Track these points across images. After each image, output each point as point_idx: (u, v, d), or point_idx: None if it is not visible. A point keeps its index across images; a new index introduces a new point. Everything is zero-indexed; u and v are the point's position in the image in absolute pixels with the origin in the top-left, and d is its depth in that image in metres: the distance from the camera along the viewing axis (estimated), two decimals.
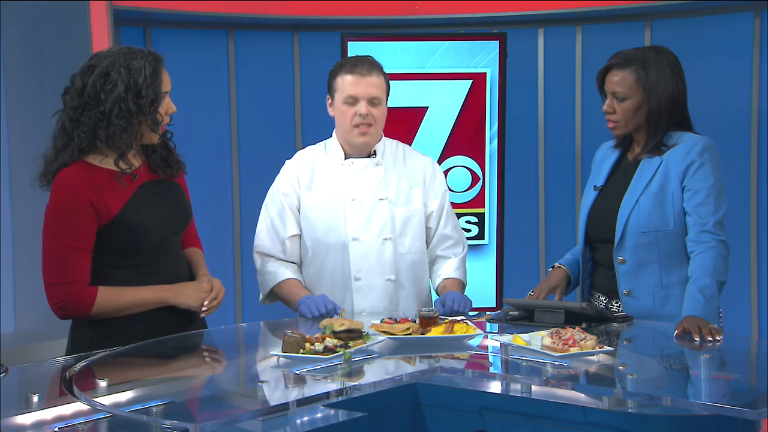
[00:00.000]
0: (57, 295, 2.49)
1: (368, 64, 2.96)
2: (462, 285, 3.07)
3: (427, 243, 3.09)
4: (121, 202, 2.53)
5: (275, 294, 3.02)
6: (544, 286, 2.92)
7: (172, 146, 2.71)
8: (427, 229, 3.08)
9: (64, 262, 2.48)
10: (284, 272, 3.00)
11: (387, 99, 3.02)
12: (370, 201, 3.00)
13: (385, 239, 2.99)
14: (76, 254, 2.49)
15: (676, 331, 2.46)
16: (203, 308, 2.61)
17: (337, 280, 2.99)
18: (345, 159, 3.04)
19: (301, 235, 3.04)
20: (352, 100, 2.94)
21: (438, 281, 3.07)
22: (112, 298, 2.51)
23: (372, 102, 2.94)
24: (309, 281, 3.03)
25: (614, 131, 2.83)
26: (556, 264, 2.99)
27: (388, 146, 3.09)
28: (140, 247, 2.56)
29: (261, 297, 3.05)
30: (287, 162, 3.11)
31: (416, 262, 3.04)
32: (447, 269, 3.06)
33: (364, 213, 2.99)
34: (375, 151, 3.04)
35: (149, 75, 2.51)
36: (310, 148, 3.13)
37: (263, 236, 3.04)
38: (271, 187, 3.09)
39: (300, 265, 3.07)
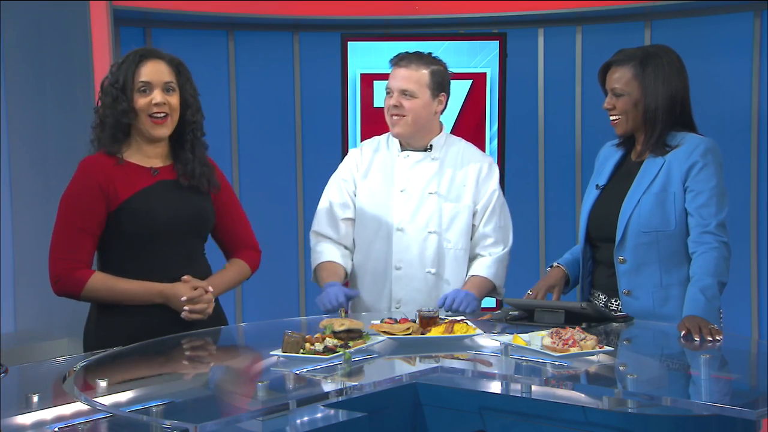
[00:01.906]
0: (55, 269, 2.59)
1: (410, 57, 3.04)
2: (488, 283, 3.04)
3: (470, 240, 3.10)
4: (133, 191, 2.60)
5: (316, 275, 3.07)
6: (541, 285, 2.92)
7: (199, 161, 2.72)
8: (472, 226, 3.09)
9: (67, 240, 2.59)
10: (327, 254, 3.04)
11: (439, 93, 3.04)
12: (419, 194, 3.04)
13: (430, 232, 3.02)
14: (79, 234, 2.58)
15: (682, 332, 2.44)
16: (186, 309, 2.59)
17: (380, 268, 3.04)
18: (401, 151, 3.07)
19: (354, 220, 3.09)
20: (389, 91, 3.04)
21: (467, 278, 3.07)
22: (103, 284, 2.57)
23: (403, 93, 2.99)
24: (356, 266, 3.09)
25: (616, 128, 2.84)
26: (554, 263, 2.99)
27: (449, 142, 3.12)
28: (146, 238, 2.59)
29: (311, 277, 3.11)
30: (351, 150, 3.21)
31: (461, 258, 3.06)
32: (477, 267, 3.06)
33: (411, 205, 3.04)
34: (431, 145, 3.07)
35: (121, 63, 2.65)
36: (375, 138, 3.21)
37: (321, 216, 3.10)
38: (333, 174, 3.16)
39: (352, 251, 3.11)
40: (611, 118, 2.83)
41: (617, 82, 2.79)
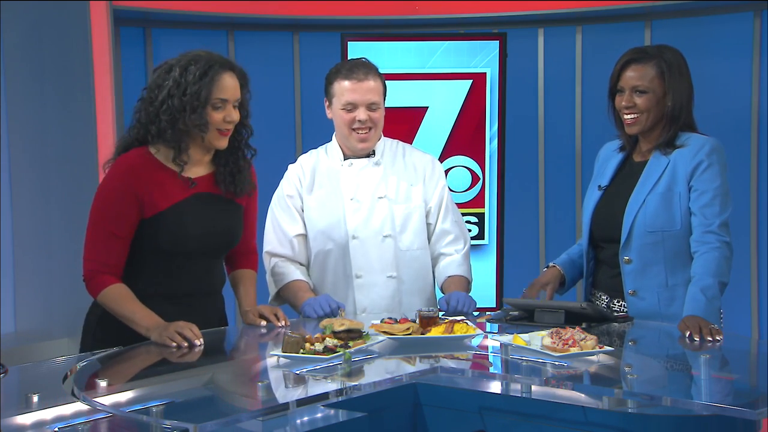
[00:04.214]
0: (84, 270, 2.60)
1: (364, 69, 2.98)
2: (467, 282, 3.07)
3: (429, 239, 3.09)
4: (170, 202, 2.59)
5: (282, 296, 3.03)
6: (536, 283, 2.92)
7: (244, 165, 2.71)
8: (428, 225, 3.09)
9: (99, 243, 2.58)
10: (291, 274, 3.01)
11: (384, 100, 3.03)
12: (369, 199, 3.02)
13: (385, 236, 3.00)
14: (110, 239, 2.57)
15: (687, 332, 2.43)
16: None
17: (339, 278, 3.01)
18: (344, 160, 3.05)
19: (306, 236, 3.06)
20: (351, 107, 2.96)
21: (442, 279, 3.07)
22: (115, 298, 2.55)
23: (370, 107, 2.96)
24: (314, 281, 3.05)
25: (633, 127, 2.80)
26: (550, 263, 2.99)
27: (388, 146, 3.11)
28: (174, 251, 2.59)
29: (270, 298, 3.07)
30: (290, 166, 3.15)
31: (418, 258, 3.05)
32: (450, 267, 3.06)
33: (363, 211, 3.01)
34: (374, 150, 3.06)
35: (198, 75, 2.54)
36: (311, 151, 3.16)
37: (271, 237, 3.06)
38: (275, 192, 3.12)
39: (308, 267, 3.08)
40: (628, 116, 2.79)
41: (640, 79, 2.77)
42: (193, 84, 2.53)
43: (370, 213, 3.01)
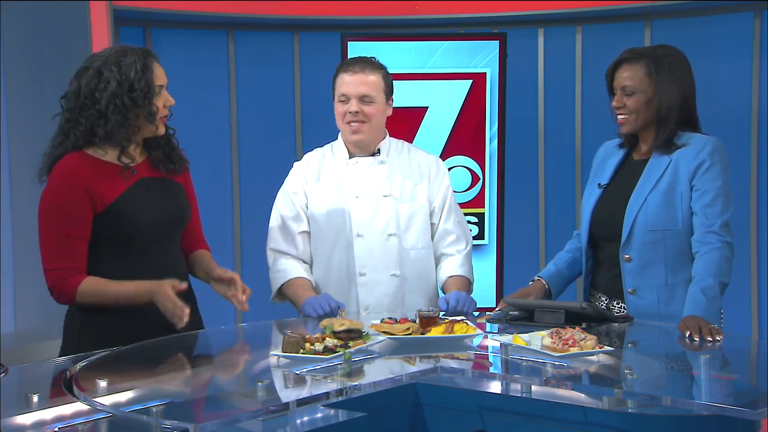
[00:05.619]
0: (50, 280, 2.56)
1: (362, 63, 3.01)
2: (467, 282, 3.08)
3: (432, 238, 3.10)
4: (117, 193, 2.58)
5: (283, 293, 3.03)
6: (518, 294, 2.90)
7: (175, 143, 2.75)
8: (431, 224, 3.09)
9: (59, 249, 2.54)
10: (293, 271, 3.01)
11: (389, 98, 3.04)
12: (375, 198, 3.03)
13: (390, 235, 3.01)
14: (70, 241, 2.54)
15: (687, 332, 2.43)
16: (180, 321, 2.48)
17: (343, 276, 3.02)
18: (350, 158, 3.06)
19: (309, 233, 3.06)
20: (344, 98, 2.99)
21: (443, 279, 3.08)
22: (96, 287, 2.54)
23: (363, 100, 2.97)
24: (317, 279, 3.06)
25: (624, 127, 2.81)
26: (536, 277, 2.98)
27: (393, 145, 3.12)
28: (132, 239, 2.59)
29: (272, 295, 3.07)
30: (295, 163, 3.16)
31: (422, 257, 3.06)
32: (451, 267, 3.07)
33: (368, 209, 3.02)
34: (379, 149, 3.06)
35: (140, 69, 2.57)
36: (317, 149, 3.18)
37: (275, 233, 3.07)
38: (281, 188, 3.13)
39: (311, 264, 3.09)
40: (619, 116, 2.80)
41: (629, 80, 2.77)
42: (139, 80, 2.56)
43: (374, 211, 3.02)
